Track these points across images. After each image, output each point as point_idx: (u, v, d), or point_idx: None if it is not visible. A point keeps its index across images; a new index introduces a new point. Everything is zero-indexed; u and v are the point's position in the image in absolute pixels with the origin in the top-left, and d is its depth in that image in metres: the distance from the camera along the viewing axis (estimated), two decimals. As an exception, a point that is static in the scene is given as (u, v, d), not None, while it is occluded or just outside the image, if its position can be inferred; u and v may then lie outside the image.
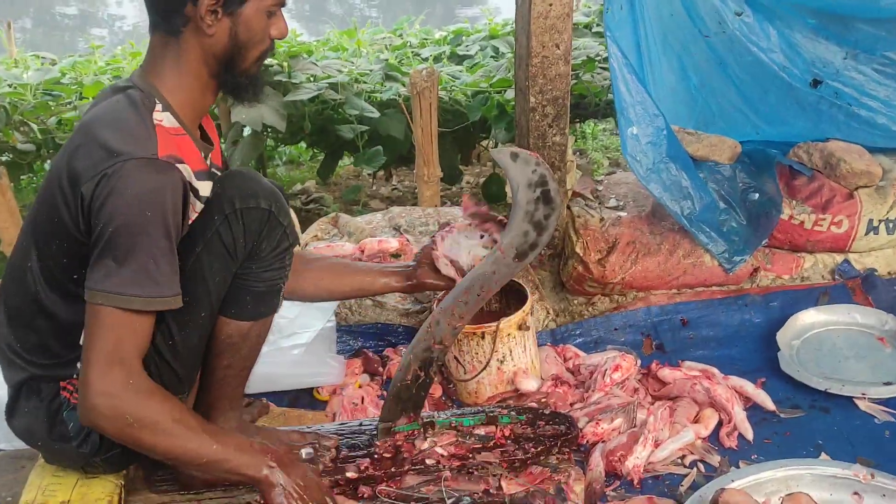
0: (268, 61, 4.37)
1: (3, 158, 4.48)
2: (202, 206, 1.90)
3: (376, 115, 4.45)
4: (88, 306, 1.75)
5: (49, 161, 4.96)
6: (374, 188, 5.51)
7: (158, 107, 1.83)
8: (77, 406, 1.89)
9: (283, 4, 1.92)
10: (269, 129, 4.55)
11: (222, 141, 4.78)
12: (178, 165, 1.79)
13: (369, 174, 5.47)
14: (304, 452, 2.17)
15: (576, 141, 6.22)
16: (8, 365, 1.98)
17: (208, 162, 1.97)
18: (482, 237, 2.26)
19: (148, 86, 1.86)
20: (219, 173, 2.00)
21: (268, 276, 1.97)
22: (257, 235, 1.91)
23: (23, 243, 1.93)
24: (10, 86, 4.64)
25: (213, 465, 1.85)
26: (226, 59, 1.88)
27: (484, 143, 5.48)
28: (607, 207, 3.31)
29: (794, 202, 3.18)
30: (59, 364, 1.94)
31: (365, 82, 4.77)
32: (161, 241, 1.74)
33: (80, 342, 1.90)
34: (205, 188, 1.90)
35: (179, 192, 1.78)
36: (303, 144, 5.53)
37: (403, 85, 4.72)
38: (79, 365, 1.91)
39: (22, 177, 4.75)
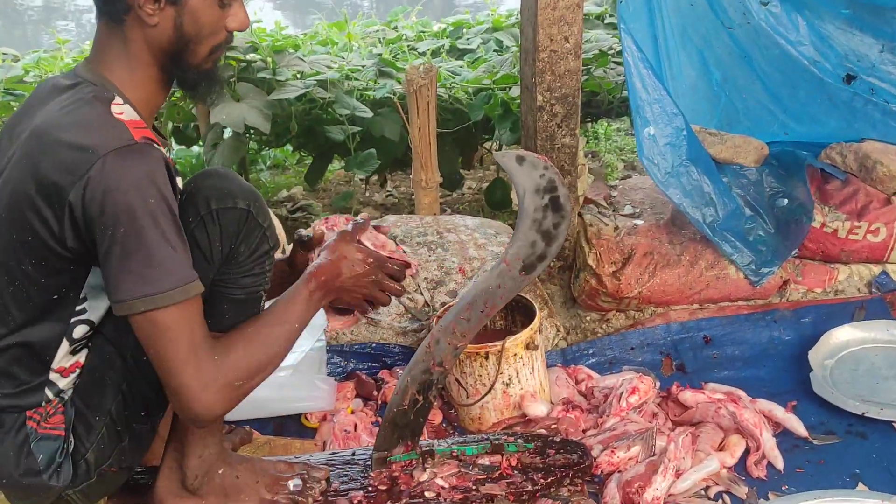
0: (250, 57, 4.40)
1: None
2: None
3: (369, 114, 4.45)
4: (133, 318, 1.75)
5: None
6: (367, 195, 5.51)
7: (117, 99, 1.82)
8: (43, 436, 1.91)
9: None
10: (251, 131, 4.55)
11: (200, 143, 4.80)
12: (154, 146, 1.79)
13: (361, 179, 5.47)
14: (293, 484, 2.18)
15: (587, 142, 6.23)
16: None
17: (169, 153, 1.97)
18: None
19: (98, 77, 1.85)
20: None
21: (247, 283, 1.97)
22: (235, 237, 1.92)
23: None
24: (-32, 84, 4.64)
25: (308, 315, 2.01)
26: (173, 51, 1.87)
27: (487, 144, 5.48)
28: (622, 215, 3.32)
29: (826, 208, 3.19)
30: (24, 392, 1.93)
31: (357, 79, 4.77)
32: (170, 225, 1.75)
33: (52, 365, 1.91)
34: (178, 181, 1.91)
35: (164, 169, 1.78)
36: (289, 147, 5.53)
37: (399, 82, 4.73)
38: (46, 391, 1.93)
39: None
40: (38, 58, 5.15)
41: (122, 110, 1.81)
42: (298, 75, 4.58)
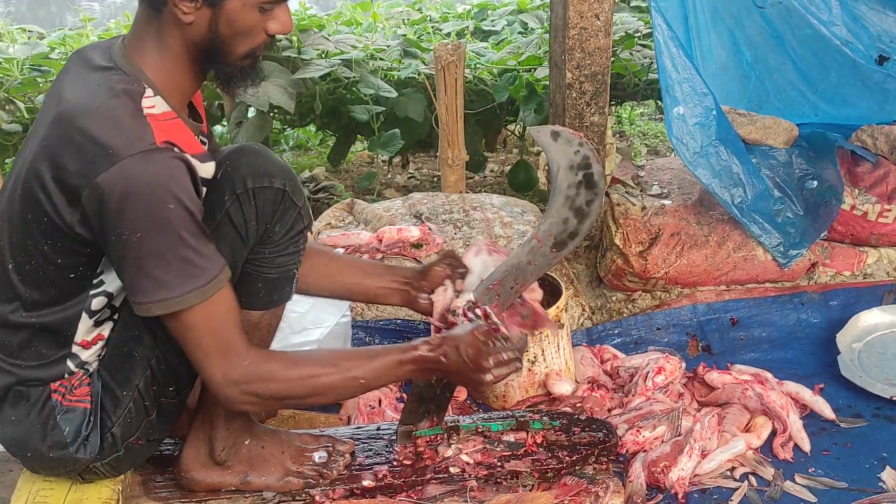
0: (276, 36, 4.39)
1: (-14, 140, 4.50)
2: (203, 189, 1.90)
3: (393, 94, 4.45)
4: (162, 319, 1.80)
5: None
6: (389, 176, 5.50)
7: (148, 92, 1.81)
8: (68, 409, 1.93)
9: (280, 1, 1.86)
10: (276, 110, 4.56)
11: (224, 122, 4.80)
12: (176, 150, 1.78)
13: (384, 161, 5.47)
14: (318, 456, 2.18)
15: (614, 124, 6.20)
16: None
17: (200, 140, 1.96)
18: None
19: (133, 67, 1.83)
20: (210, 150, 2.01)
21: (281, 262, 1.97)
22: (270, 217, 1.91)
23: None
24: (-6, 61, 4.66)
25: (383, 379, 2.02)
26: (207, 49, 1.85)
27: (511, 126, 5.47)
28: (650, 195, 3.30)
29: (856, 191, 3.16)
30: (46, 364, 1.95)
31: (381, 59, 4.77)
32: (191, 227, 1.75)
33: (75, 339, 1.93)
34: (203, 170, 1.90)
35: (187, 173, 1.78)
36: (312, 128, 5.53)
37: (423, 62, 4.72)
38: (68, 363, 1.95)
39: (6, 160, 4.77)
40: (64, 35, 5.17)
41: (153, 103, 1.80)
42: (323, 55, 4.58)
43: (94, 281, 1.90)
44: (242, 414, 2.12)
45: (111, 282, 1.92)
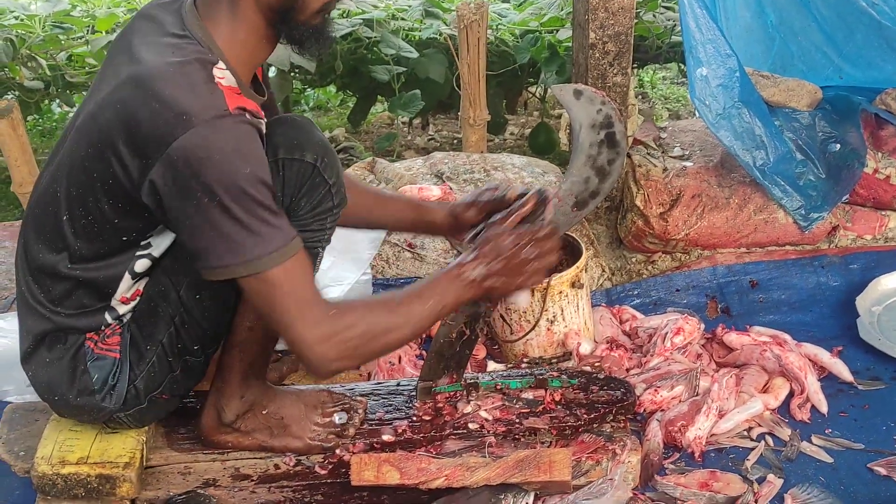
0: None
1: (9, 96, 4.52)
2: None
3: (415, 55, 4.44)
4: (243, 282, 1.77)
5: (58, 101, 5.00)
6: (409, 138, 5.50)
7: (220, 64, 1.79)
8: (99, 357, 1.95)
9: None
10: (296, 70, 4.56)
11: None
12: (247, 115, 1.78)
13: (404, 122, 5.47)
14: (338, 417, 2.19)
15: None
16: (29, 313, 2.01)
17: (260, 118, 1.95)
18: None
19: (206, 35, 1.81)
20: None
21: (304, 237, 1.93)
22: (297, 190, 1.91)
23: (51, 193, 1.92)
24: (16, 17, 4.67)
25: (442, 314, 1.99)
26: (280, 8, 1.82)
27: (532, 89, 5.45)
28: (671, 157, 3.29)
29: (879, 154, 3.15)
30: (86, 314, 1.97)
31: (403, 19, 4.75)
32: (265, 191, 1.74)
33: (116, 295, 1.95)
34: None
35: (258, 139, 1.78)
36: (332, 88, 5.52)
37: (445, 23, 4.70)
38: (107, 315, 1.97)
39: (28, 117, 4.79)
40: (86, -8, 5.17)
41: (223, 75, 1.78)
42: (345, 14, 4.57)
43: (143, 243, 1.91)
44: (258, 384, 2.13)
45: (157, 246, 1.93)
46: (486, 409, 2.29)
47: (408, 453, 2.15)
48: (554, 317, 2.65)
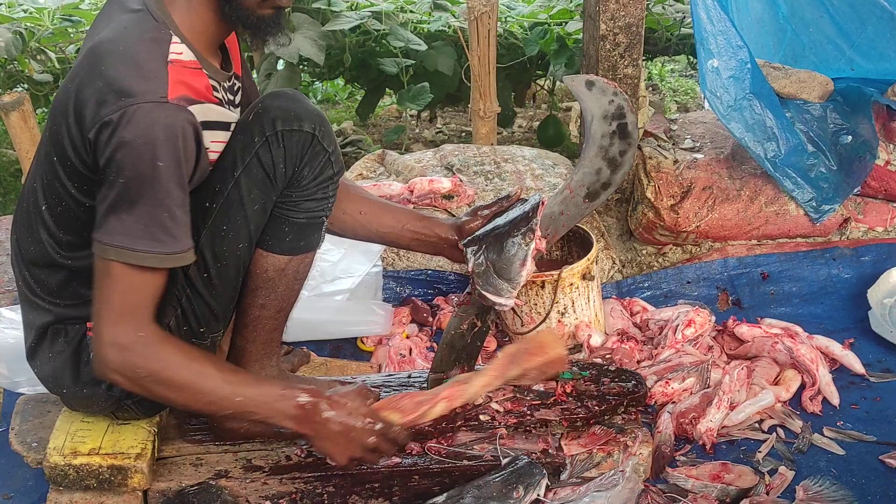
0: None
1: (19, 89, 4.53)
2: (213, 142, 1.90)
3: (423, 47, 4.43)
4: (98, 259, 1.78)
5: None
6: (417, 131, 5.49)
7: (175, 39, 1.81)
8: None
9: None
10: (305, 63, 4.56)
11: (254, 73, 4.80)
12: (189, 108, 1.78)
13: (412, 115, 5.46)
14: None
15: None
16: (29, 307, 2.02)
17: (220, 95, 1.94)
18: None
19: (162, 12, 1.83)
20: (236, 98, 2.01)
21: (309, 207, 1.97)
22: (299, 160, 1.91)
23: (31, 185, 1.94)
24: (25, 10, 4.67)
25: (242, 416, 1.93)
26: None
27: (540, 81, 5.44)
28: (682, 149, 3.28)
29: (891, 146, 3.14)
30: (85, 303, 1.96)
31: (412, 11, 4.75)
32: (174, 192, 1.75)
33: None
34: (221, 114, 1.91)
35: (191, 136, 1.78)
36: (340, 81, 5.52)
37: (454, 15, 4.69)
38: None
39: (38, 110, 4.80)
40: (94, -15, 5.17)
41: (180, 50, 1.80)
42: (353, 7, 4.57)
43: None
44: (273, 365, 2.13)
45: None
46: (497, 401, 2.29)
47: (418, 445, 2.16)
48: (565, 309, 2.65)
